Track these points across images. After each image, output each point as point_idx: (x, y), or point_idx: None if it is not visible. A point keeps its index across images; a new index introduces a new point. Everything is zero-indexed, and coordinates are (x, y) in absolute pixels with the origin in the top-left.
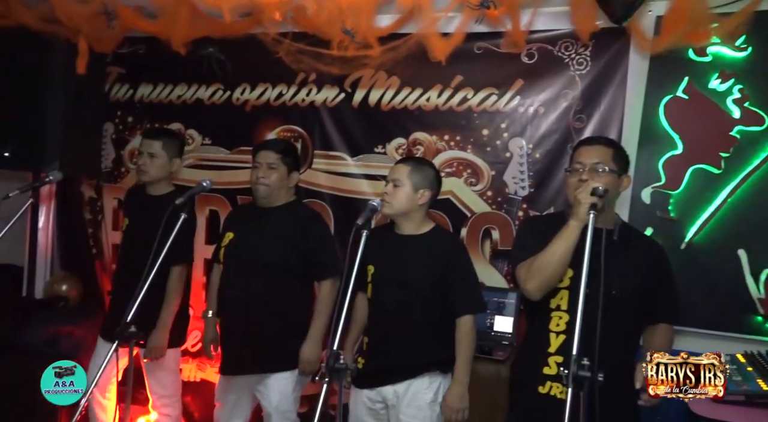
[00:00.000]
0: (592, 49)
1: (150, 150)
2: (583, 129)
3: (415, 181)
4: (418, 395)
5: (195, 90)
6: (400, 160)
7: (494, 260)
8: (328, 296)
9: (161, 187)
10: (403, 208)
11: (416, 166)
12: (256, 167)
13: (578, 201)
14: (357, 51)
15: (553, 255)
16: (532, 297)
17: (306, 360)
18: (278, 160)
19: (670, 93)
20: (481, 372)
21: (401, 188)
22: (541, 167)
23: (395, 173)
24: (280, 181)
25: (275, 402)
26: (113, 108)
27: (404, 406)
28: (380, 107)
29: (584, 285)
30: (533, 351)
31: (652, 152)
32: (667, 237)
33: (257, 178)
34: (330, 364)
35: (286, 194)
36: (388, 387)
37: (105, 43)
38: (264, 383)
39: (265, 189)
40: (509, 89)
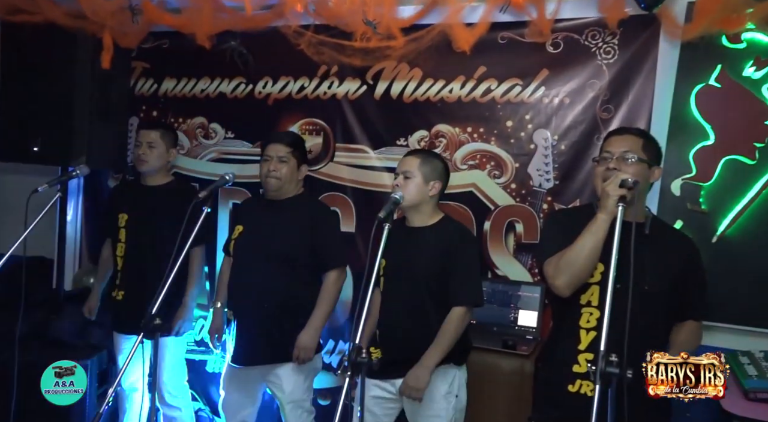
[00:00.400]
0: (620, 37)
1: (148, 140)
2: (610, 120)
3: (426, 173)
4: (432, 387)
5: (218, 84)
6: (409, 152)
7: (518, 253)
8: (332, 286)
9: (160, 177)
10: (414, 199)
11: (426, 158)
12: (266, 160)
13: (606, 193)
14: (379, 42)
15: (582, 249)
16: (561, 294)
17: (302, 347)
18: (288, 153)
19: (702, 81)
20: (505, 367)
21: (412, 180)
22: (566, 159)
23: (405, 165)
24: (291, 173)
25: (288, 391)
26: (138, 102)
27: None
28: (402, 99)
29: (612, 280)
30: (562, 348)
31: (682, 143)
32: (698, 231)
33: (268, 171)
34: (352, 358)
35: (296, 187)
36: (401, 380)
37: (130, 38)
38: (275, 373)
39: (276, 182)
40: (534, 80)
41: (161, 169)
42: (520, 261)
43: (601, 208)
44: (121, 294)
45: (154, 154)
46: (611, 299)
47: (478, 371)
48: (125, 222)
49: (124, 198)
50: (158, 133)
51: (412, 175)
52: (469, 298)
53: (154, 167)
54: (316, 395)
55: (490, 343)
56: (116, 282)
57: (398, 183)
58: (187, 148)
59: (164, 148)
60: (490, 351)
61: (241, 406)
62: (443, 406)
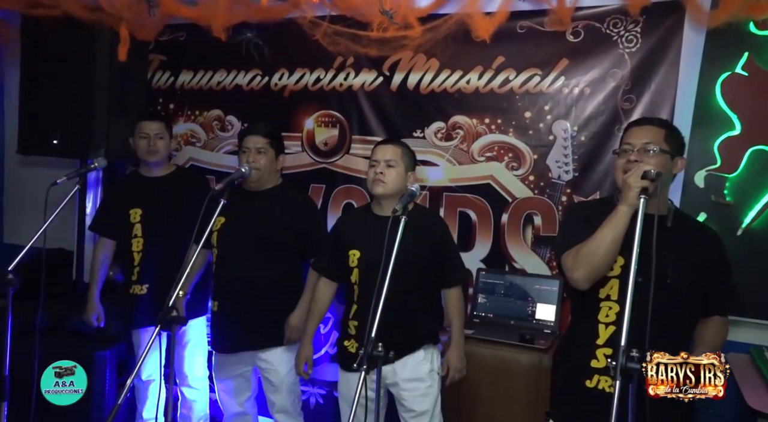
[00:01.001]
0: (643, 25)
1: (156, 131)
2: (632, 110)
3: (406, 163)
4: (417, 367)
5: (234, 76)
6: (387, 140)
7: (536, 246)
8: (314, 273)
9: (165, 168)
10: (396, 187)
11: (406, 149)
12: (244, 152)
13: (628, 185)
14: (396, 32)
15: (602, 242)
16: (579, 287)
17: (293, 327)
18: (266, 143)
19: (728, 70)
20: (523, 361)
21: (395, 169)
22: (586, 150)
23: (388, 154)
24: (270, 164)
25: (283, 374)
26: (155, 95)
27: (403, 381)
28: (419, 90)
29: (633, 274)
30: (580, 343)
31: (706, 133)
32: (722, 223)
33: (247, 163)
34: (368, 351)
35: (275, 177)
36: (387, 367)
37: (147, 31)
38: (265, 358)
39: (255, 173)
40: (553, 69)
41: (167, 158)
42: (538, 255)
43: (622, 200)
44: (145, 288)
45: (163, 144)
46: (632, 293)
47: (495, 365)
48: (140, 217)
49: (130, 193)
50: (163, 123)
51: (396, 164)
52: (462, 278)
53: (164, 157)
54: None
55: (507, 337)
56: (133, 278)
57: (381, 170)
58: (203, 141)
59: (168, 138)
60: (508, 345)
61: (238, 393)
62: (429, 383)
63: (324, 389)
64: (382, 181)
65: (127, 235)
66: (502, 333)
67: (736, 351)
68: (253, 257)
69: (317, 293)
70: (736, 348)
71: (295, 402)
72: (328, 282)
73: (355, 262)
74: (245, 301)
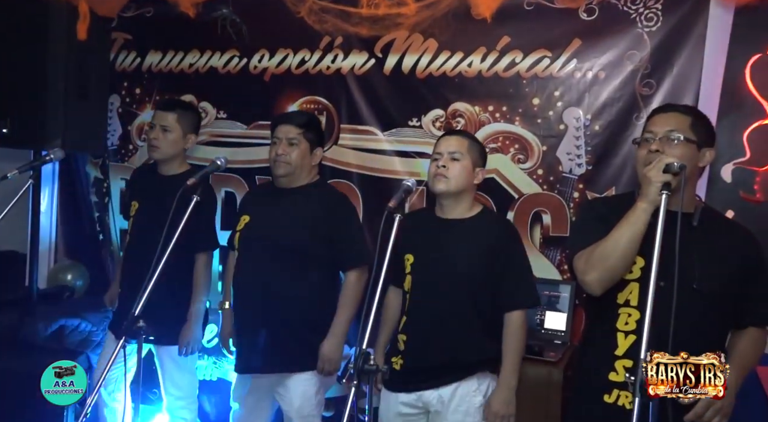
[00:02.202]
0: (665, 1)
1: (163, 123)
2: (651, 96)
3: (474, 157)
4: (467, 398)
5: (208, 57)
6: (452, 131)
7: (545, 248)
8: (354, 288)
9: (175, 166)
10: (461, 185)
11: (474, 141)
12: (275, 143)
13: (648, 179)
14: (389, 9)
15: (618, 242)
16: (592, 291)
17: (326, 358)
18: (300, 134)
19: (759, 52)
20: (531, 374)
21: (461, 162)
22: (600, 141)
23: (453, 145)
24: (302, 158)
25: (297, 406)
26: (119, 78)
27: (450, 412)
28: (415, 74)
29: (654, 277)
30: (597, 354)
31: (734, 122)
32: (751, 222)
33: (276, 155)
34: (359, 365)
35: (309, 173)
36: (431, 391)
37: (108, 6)
38: (284, 384)
39: (285, 167)
40: (564, 51)
41: (176, 156)
42: (547, 257)
43: (642, 196)
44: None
45: (168, 140)
46: (653, 299)
47: None
48: (135, 212)
49: (138, 184)
50: (175, 115)
51: (462, 157)
52: (528, 300)
53: (168, 155)
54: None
55: None
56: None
57: (444, 163)
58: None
59: (180, 133)
60: None
61: (251, 419)
62: (478, 419)
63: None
64: (444, 176)
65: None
66: None
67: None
68: (276, 264)
69: (390, 309)
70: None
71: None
72: (395, 289)
73: (408, 268)
74: (262, 314)
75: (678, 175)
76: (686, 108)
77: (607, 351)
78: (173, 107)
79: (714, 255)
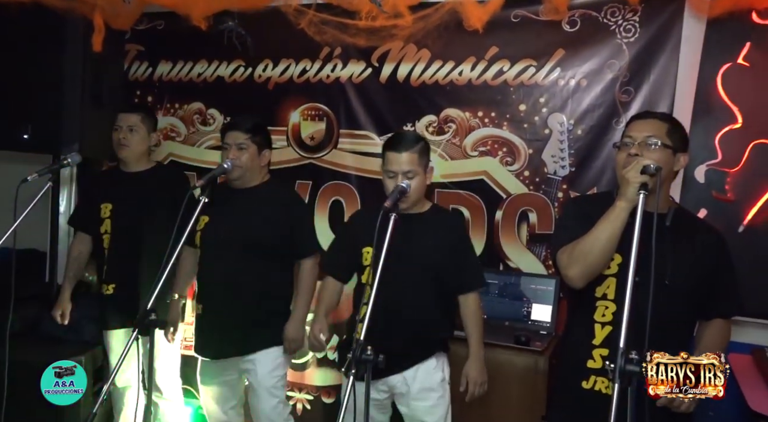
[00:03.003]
0: (642, 14)
1: (129, 123)
2: (630, 102)
3: (425, 165)
4: (429, 377)
5: (215, 67)
6: (399, 146)
7: (531, 244)
8: (309, 274)
9: (142, 163)
10: (420, 195)
11: (423, 151)
12: (225, 149)
13: (626, 180)
14: (385, 21)
15: (598, 239)
16: (574, 285)
17: (291, 339)
18: (247, 139)
19: (729, 61)
20: (518, 363)
21: (415, 179)
22: (583, 145)
23: (404, 165)
24: (252, 160)
25: (261, 376)
26: (132, 87)
27: (416, 391)
28: (410, 82)
29: (632, 273)
30: (576, 343)
31: (707, 126)
32: (723, 220)
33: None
34: (356, 355)
35: (260, 174)
36: (396, 375)
37: (122, 20)
38: (252, 360)
39: (237, 170)
40: (549, 60)
41: (143, 154)
42: (533, 253)
43: (621, 196)
44: (111, 288)
45: (135, 139)
46: (631, 293)
47: (489, 367)
48: (110, 213)
49: (105, 187)
50: (139, 116)
51: (417, 173)
52: (480, 282)
53: (136, 152)
54: (320, 392)
55: (502, 339)
56: (103, 277)
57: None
58: (184, 135)
59: (145, 132)
60: (502, 347)
61: (224, 400)
62: (441, 393)
63: (311, 394)
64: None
65: (99, 231)
66: (497, 334)
67: (738, 352)
68: (237, 258)
69: (325, 292)
70: (738, 349)
71: (278, 408)
72: (335, 282)
73: (368, 260)
74: (230, 304)
75: (654, 176)
76: (663, 115)
77: (585, 340)
78: (136, 109)
79: (685, 254)
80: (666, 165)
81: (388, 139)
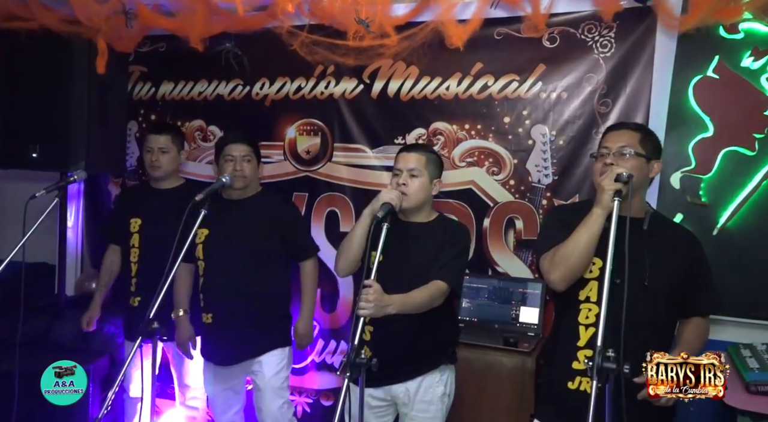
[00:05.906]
0: (617, 30)
1: (160, 145)
2: (608, 113)
3: (431, 171)
4: (431, 389)
5: (215, 86)
6: (411, 147)
7: (518, 250)
8: (312, 274)
9: (172, 181)
10: (420, 199)
11: (431, 155)
12: (230, 160)
13: (601, 187)
14: (373, 41)
15: (577, 244)
16: (556, 288)
17: (302, 335)
18: (251, 152)
19: (700, 73)
20: (507, 364)
21: (419, 178)
22: (564, 154)
23: (411, 162)
24: (254, 171)
25: (268, 378)
26: (136, 106)
27: (416, 403)
28: (399, 97)
29: (608, 275)
30: (562, 345)
31: (681, 135)
32: (698, 224)
33: (234, 171)
34: (351, 358)
35: (256, 184)
36: (399, 385)
37: (125, 43)
38: (258, 362)
39: (243, 180)
40: (531, 75)
41: (174, 172)
42: (520, 258)
43: (597, 203)
44: (137, 301)
45: (167, 159)
46: (608, 294)
47: (479, 369)
48: (139, 227)
49: (135, 202)
50: (168, 137)
51: (419, 174)
52: (453, 280)
53: (168, 172)
54: (319, 396)
55: (491, 341)
56: (131, 289)
57: (404, 181)
58: (186, 151)
59: (176, 152)
60: (492, 348)
61: (229, 406)
62: (439, 407)
63: (311, 397)
64: (404, 193)
65: (127, 245)
66: (487, 336)
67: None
68: (242, 266)
69: None
70: (715, 347)
71: (284, 409)
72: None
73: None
74: (239, 311)
75: (627, 183)
76: (636, 125)
77: (570, 342)
78: (166, 130)
79: (663, 256)
80: (639, 172)
81: None
